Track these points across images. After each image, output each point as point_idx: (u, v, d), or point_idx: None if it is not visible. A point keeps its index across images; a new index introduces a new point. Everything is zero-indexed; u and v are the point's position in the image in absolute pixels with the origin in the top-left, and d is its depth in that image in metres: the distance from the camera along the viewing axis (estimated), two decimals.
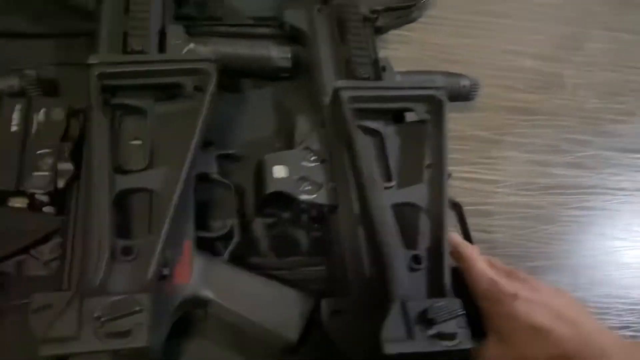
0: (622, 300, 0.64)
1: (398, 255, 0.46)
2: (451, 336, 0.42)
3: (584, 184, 0.70)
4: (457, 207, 0.55)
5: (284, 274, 0.54)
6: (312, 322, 0.47)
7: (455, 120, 0.70)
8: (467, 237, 0.54)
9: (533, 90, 0.75)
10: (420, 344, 0.41)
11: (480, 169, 0.68)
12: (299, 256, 0.55)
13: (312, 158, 0.54)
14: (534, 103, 0.74)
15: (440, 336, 0.42)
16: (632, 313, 0.63)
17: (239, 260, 0.53)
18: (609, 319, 0.62)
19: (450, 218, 0.54)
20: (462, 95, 0.66)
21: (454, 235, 0.52)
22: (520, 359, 0.45)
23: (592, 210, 0.68)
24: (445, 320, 0.42)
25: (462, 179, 0.67)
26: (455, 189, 0.65)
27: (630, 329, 0.62)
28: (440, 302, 0.43)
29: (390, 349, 0.41)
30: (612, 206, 0.69)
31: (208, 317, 0.49)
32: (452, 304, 0.43)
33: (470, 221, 0.62)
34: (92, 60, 0.51)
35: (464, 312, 0.43)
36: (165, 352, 0.44)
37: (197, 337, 0.49)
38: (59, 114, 0.50)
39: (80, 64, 0.52)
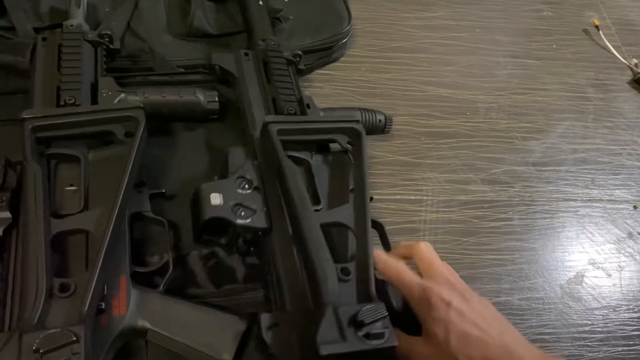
0: (541, 301, 0.69)
1: (328, 269, 0.50)
2: (379, 335, 0.46)
3: (499, 198, 0.76)
4: (379, 226, 0.60)
5: (221, 301, 0.57)
6: (246, 342, 0.50)
7: (379, 147, 0.76)
8: (388, 251, 0.58)
9: (449, 117, 0.82)
10: (352, 344, 0.45)
11: (404, 191, 0.74)
12: (235, 283, 0.59)
13: (246, 186, 0.58)
14: (450, 127, 0.81)
15: (370, 336, 0.46)
16: (550, 312, 0.68)
17: (178, 291, 0.56)
18: (530, 319, 0.67)
19: (375, 237, 0.59)
20: (379, 129, 0.72)
21: (379, 253, 0.56)
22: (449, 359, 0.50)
23: (509, 221, 0.74)
24: (373, 322, 0.46)
25: (389, 201, 0.73)
26: (382, 210, 0.71)
27: (548, 326, 0.67)
28: (368, 306, 0.47)
29: (325, 350, 0.44)
30: (527, 216, 0.76)
31: (148, 345, 0.51)
32: (378, 307, 0.47)
33: (398, 239, 0.67)
34: (26, 114, 0.54)
35: (388, 314, 0.47)
36: None
37: None
38: None
39: (15, 120, 0.56)
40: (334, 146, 0.65)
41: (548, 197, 0.78)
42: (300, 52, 0.74)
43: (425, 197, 0.74)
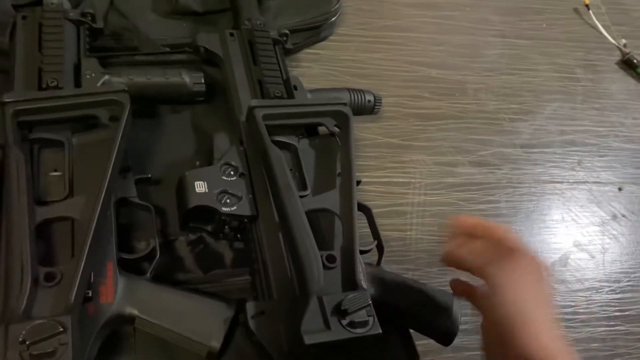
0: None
1: (313, 256, 0.50)
2: (363, 324, 0.47)
3: (487, 180, 0.76)
4: (366, 210, 0.59)
5: (209, 287, 0.57)
6: (234, 328, 0.51)
7: (368, 129, 0.76)
8: (376, 237, 0.58)
9: (438, 98, 0.82)
10: (336, 333, 0.45)
11: (392, 173, 0.74)
12: (223, 269, 0.59)
13: (231, 172, 0.57)
14: (439, 109, 0.81)
15: (353, 325, 0.46)
16: None
17: (165, 277, 0.56)
18: None
19: (362, 221, 0.59)
20: (367, 109, 0.71)
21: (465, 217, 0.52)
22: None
23: (496, 204, 0.75)
24: (356, 310, 0.47)
25: (377, 183, 0.72)
26: (370, 193, 0.71)
27: None
28: (352, 294, 0.47)
29: (310, 339, 0.44)
30: (514, 198, 0.76)
31: (136, 332, 0.51)
32: (361, 295, 0.47)
33: (386, 221, 0.68)
34: (7, 98, 0.53)
35: (370, 302, 0.48)
36: None
37: (127, 353, 0.52)
38: None
39: None
40: (321, 129, 0.65)
41: (535, 180, 0.78)
42: (287, 32, 0.72)
43: (413, 180, 0.74)
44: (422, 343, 0.59)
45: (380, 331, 0.46)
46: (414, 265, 0.67)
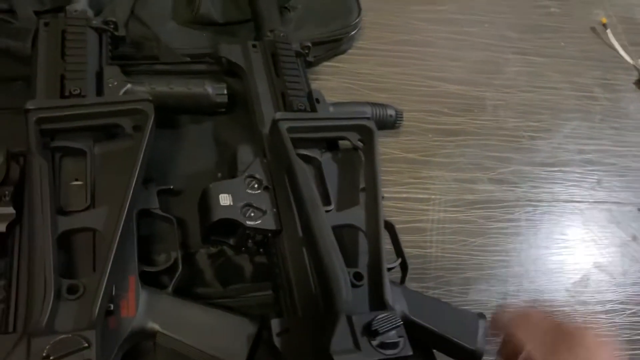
0: (549, 304, 0.69)
1: (341, 273, 0.48)
2: (394, 345, 0.45)
3: (507, 198, 0.75)
4: (390, 227, 0.58)
5: (229, 301, 0.56)
6: (257, 345, 0.49)
7: (386, 144, 0.75)
8: (400, 254, 0.57)
9: (457, 113, 0.81)
10: (367, 354, 0.44)
11: (412, 189, 0.73)
12: (244, 283, 0.58)
13: (255, 185, 0.56)
14: (458, 125, 0.80)
15: (384, 346, 0.45)
16: (556, 315, 0.68)
17: (185, 291, 0.55)
18: None
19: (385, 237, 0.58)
20: (389, 124, 0.71)
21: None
22: None
23: (516, 222, 0.74)
24: (387, 331, 0.45)
25: (395, 199, 0.71)
26: (389, 209, 0.70)
27: None
28: (382, 314, 0.46)
29: None
30: (534, 217, 0.75)
31: (157, 348, 0.50)
32: (392, 316, 0.46)
33: (405, 238, 0.66)
34: (30, 105, 0.52)
35: (402, 322, 0.46)
36: None
37: None
38: None
39: (17, 109, 0.54)
40: (343, 143, 0.64)
41: (554, 198, 0.77)
42: (309, 44, 0.72)
43: (433, 196, 0.73)
44: None
45: (411, 353, 0.45)
46: (434, 284, 0.66)
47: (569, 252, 0.74)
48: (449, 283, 0.66)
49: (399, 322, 0.46)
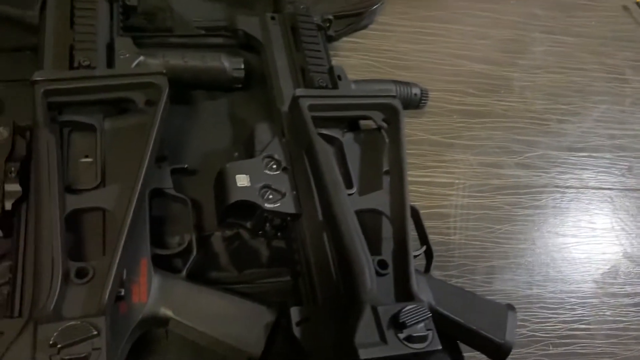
0: (574, 295, 0.66)
1: (365, 261, 0.46)
2: (422, 338, 0.42)
3: (534, 184, 0.72)
4: (414, 212, 0.55)
5: (244, 287, 0.53)
6: (275, 334, 0.47)
7: (408, 125, 0.71)
8: (424, 241, 0.54)
9: (482, 94, 0.77)
10: (393, 348, 0.41)
11: (435, 173, 0.69)
12: (259, 268, 0.55)
13: (274, 166, 0.53)
14: (483, 106, 0.76)
15: (411, 339, 0.42)
16: (584, 306, 0.65)
17: (198, 275, 0.52)
18: (563, 313, 0.64)
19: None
20: (413, 104, 0.67)
21: None
22: None
23: (543, 209, 0.71)
24: (415, 323, 0.42)
25: (418, 183, 0.68)
26: (410, 193, 0.66)
27: (582, 322, 0.64)
28: (410, 306, 0.43)
29: (365, 354, 0.40)
30: (562, 204, 0.72)
31: (168, 335, 0.48)
32: (420, 307, 0.43)
33: (427, 224, 0.63)
34: (37, 76, 0.49)
35: (431, 314, 0.44)
36: None
37: (158, 356, 0.48)
38: (2, 133, 0.48)
39: (24, 81, 0.51)
40: (364, 124, 0.61)
41: (583, 185, 0.74)
42: (330, 17, 0.69)
43: (456, 181, 0.69)
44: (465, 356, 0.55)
45: (440, 347, 0.42)
46: (457, 272, 0.63)
47: (597, 241, 0.70)
48: (473, 272, 0.64)
49: (428, 314, 0.43)
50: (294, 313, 0.46)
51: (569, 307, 0.65)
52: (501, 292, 0.63)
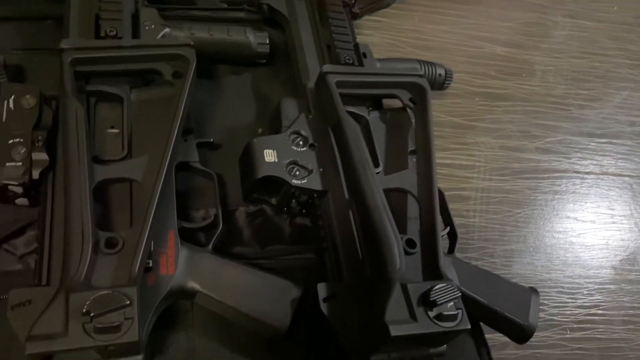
0: (592, 280, 0.66)
1: (394, 239, 0.45)
2: (452, 317, 0.42)
3: (554, 169, 0.72)
4: (440, 194, 0.55)
5: (267, 262, 0.53)
6: (301, 310, 0.47)
7: None
8: (448, 222, 0.54)
9: (504, 77, 0.77)
10: (424, 326, 0.41)
11: (456, 155, 0.69)
12: (283, 244, 0.55)
13: (301, 143, 0.52)
14: (505, 89, 0.76)
15: (441, 317, 0.42)
16: (601, 292, 0.65)
17: (221, 249, 0.52)
18: (581, 299, 0.64)
19: None
20: (437, 84, 0.66)
21: None
22: None
23: (562, 194, 0.70)
24: (445, 302, 0.42)
25: (438, 165, 0.66)
26: None
27: (599, 307, 0.64)
28: (440, 284, 0.43)
29: (396, 331, 0.40)
30: (581, 190, 0.72)
31: (194, 308, 0.48)
32: (450, 286, 0.43)
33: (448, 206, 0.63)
34: (64, 45, 0.48)
35: (460, 294, 0.43)
36: (151, 344, 0.43)
37: (183, 329, 0.48)
38: (30, 101, 0.47)
39: (50, 49, 0.50)
40: (388, 103, 0.60)
41: (603, 171, 0.74)
42: None
43: (477, 163, 0.69)
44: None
45: (469, 326, 0.42)
46: (477, 254, 0.63)
47: (616, 227, 0.70)
48: (492, 255, 0.64)
49: (458, 293, 0.43)
50: (321, 289, 0.45)
51: (587, 292, 0.65)
52: (520, 276, 0.63)
